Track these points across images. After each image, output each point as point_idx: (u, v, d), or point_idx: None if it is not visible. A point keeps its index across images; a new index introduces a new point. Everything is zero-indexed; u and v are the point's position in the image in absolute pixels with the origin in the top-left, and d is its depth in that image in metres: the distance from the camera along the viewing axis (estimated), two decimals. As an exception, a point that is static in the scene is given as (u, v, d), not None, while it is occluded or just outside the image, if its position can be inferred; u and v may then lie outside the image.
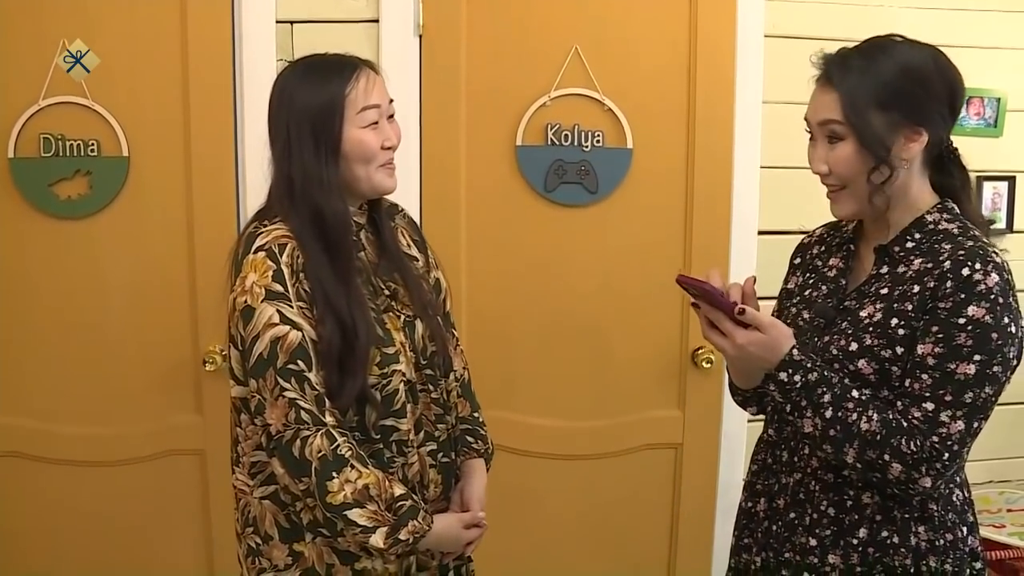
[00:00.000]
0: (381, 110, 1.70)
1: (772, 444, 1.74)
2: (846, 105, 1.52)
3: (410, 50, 2.51)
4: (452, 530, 1.73)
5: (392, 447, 1.70)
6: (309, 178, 1.64)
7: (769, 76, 2.68)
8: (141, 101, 2.45)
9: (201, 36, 2.44)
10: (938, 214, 1.58)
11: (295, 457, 1.57)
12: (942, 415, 1.45)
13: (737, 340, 1.52)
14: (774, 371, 1.53)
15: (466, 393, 1.97)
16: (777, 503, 1.69)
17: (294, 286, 1.60)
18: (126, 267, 2.52)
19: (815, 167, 1.60)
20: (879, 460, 1.47)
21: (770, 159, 2.72)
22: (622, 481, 2.79)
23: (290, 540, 1.70)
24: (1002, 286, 1.46)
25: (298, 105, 1.66)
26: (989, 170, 2.89)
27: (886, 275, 1.58)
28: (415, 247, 1.91)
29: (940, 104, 1.55)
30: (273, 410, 1.58)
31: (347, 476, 1.56)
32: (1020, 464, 3.12)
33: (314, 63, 1.74)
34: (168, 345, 2.55)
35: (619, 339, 2.72)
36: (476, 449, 1.93)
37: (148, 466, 2.59)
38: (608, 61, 2.59)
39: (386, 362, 1.67)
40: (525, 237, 2.64)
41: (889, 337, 1.52)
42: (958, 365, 1.45)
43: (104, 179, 2.46)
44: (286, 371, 1.56)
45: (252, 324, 1.58)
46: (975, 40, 2.77)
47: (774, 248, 2.71)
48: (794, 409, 1.54)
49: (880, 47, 1.57)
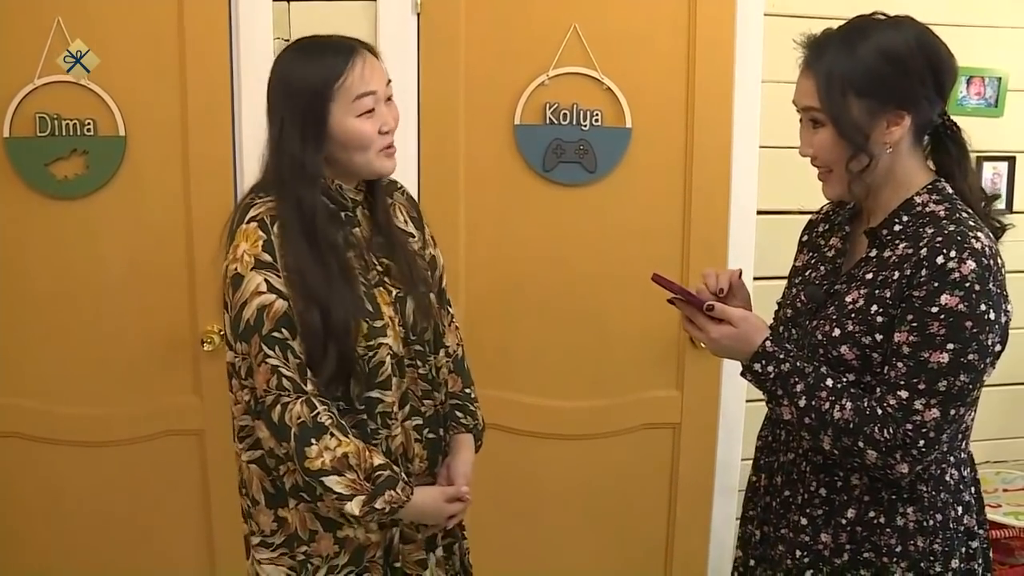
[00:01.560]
0: (378, 95, 1.69)
1: (773, 422, 1.77)
2: (822, 92, 1.52)
3: (408, 29, 2.50)
4: (434, 503, 1.76)
5: (376, 419, 1.73)
6: (293, 164, 1.65)
7: (769, 55, 2.66)
8: (138, 80, 2.44)
9: (198, 14, 2.42)
10: (927, 195, 1.56)
11: (275, 423, 1.62)
12: (916, 403, 1.47)
13: (711, 334, 1.59)
14: (748, 362, 1.58)
15: (459, 369, 1.99)
16: (776, 480, 1.73)
17: (282, 257, 1.64)
18: (123, 247, 2.51)
19: (802, 150, 1.62)
20: (854, 447, 1.49)
21: (769, 138, 2.70)
22: (620, 461, 2.80)
23: (275, 506, 1.74)
24: (979, 273, 1.45)
25: (291, 90, 1.67)
26: (989, 150, 2.88)
27: (874, 259, 1.59)
28: (412, 224, 1.92)
29: (923, 85, 1.53)
30: (257, 375, 1.63)
31: (326, 443, 1.61)
32: (1017, 445, 3.13)
33: (310, 46, 1.73)
34: (166, 325, 2.55)
35: (617, 319, 2.72)
36: (464, 424, 1.95)
37: (147, 447, 2.59)
38: (607, 40, 2.57)
39: (373, 335, 1.70)
40: (523, 216, 2.64)
41: (869, 324, 1.53)
42: (931, 354, 1.46)
43: (101, 159, 2.45)
44: (271, 338, 1.61)
45: (240, 291, 1.62)
46: (976, 19, 2.75)
47: (773, 228, 2.72)
48: (771, 398, 1.58)
49: (860, 29, 1.55)
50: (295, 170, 1.65)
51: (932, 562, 1.57)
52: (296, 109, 1.65)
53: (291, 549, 1.75)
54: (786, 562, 1.66)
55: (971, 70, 2.79)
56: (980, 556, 1.64)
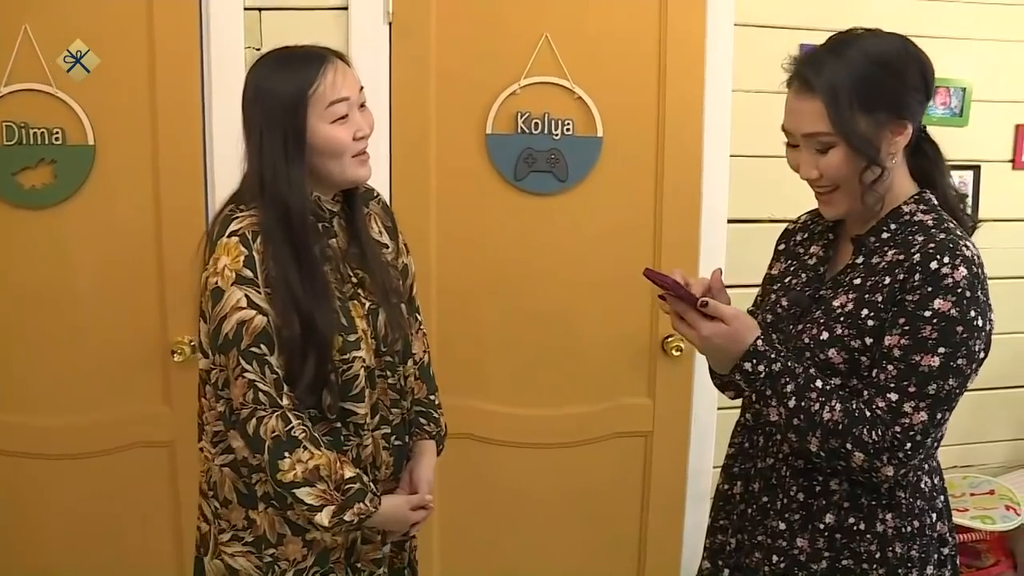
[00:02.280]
0: (351, 102, 1.71)
1: (749, 429, 1.76)
2: (832, 114, 1.50)
3: (380, 38, 2.49)
4: (399, 511, 1.81)
5: (349, 428, 1.77)
6: (277, 173, 1.66)
7: (739, 65, 2.69)
8: (108, 88, 2.42)
9: (168, 23, 2.41)
10: (914, 205, 1.58)
11: (250, 435, 1.65)
12: (905, 406, 1.47)
13: (702, 332, 1.55)
14: (739, 361, 1.55)
15: (424, 375, 2.02)
16: (752, 486, 1.72)
17: (263, 273, 1.65)
18: (93, 257, 2.49)
19: (805, 173, 1.58)
20: (842, 449, 1.49)
21: (740, 148, 2.73)
22: (592, 469, 2.80)
23: (247, 506, 1.77)
24: (970, 280, 1.47)
25: (267, 101, 1.68)
26: (954, 159, 2.85)
27: (861, 265, 1.60)
28: (386, 233, 1.94)
29: (917, 91, 1.55)
30: (234, 388, 1.65)
31: (299, 456, 1.63)
32: (983, 449, 3.17)
33: (283, 56, 1.75)
34: (136, 336, 2.52)
35: (589, 327, 2.73)
36: (428, 431, 1.98)
37: (116, 458, 2.57)
38: (578, 49, 2.58)
39: (347, 348, 1.72)
40: (495, 226, 2.64)
41: (859, 327, 1.53)
42: (923, 357, 1.47)
43: (69, 168, 2.42)
44: (248, 353, 1.63)
45: (221, 305, 1.63)
46: (941, 30, 2.79)
47: (744, 236, 2.74)
48: (759, 398, 1.56)
49: (848, 43, 1.55)
50: (280, 179, 1.66)
51: (909, 568, 1.58)
52: (275, 119, 1.66)
53: (259, 550, 1.77)
54: (763, 568, 1.66)
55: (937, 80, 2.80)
56: (949, 563, 1.66)
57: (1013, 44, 2.92)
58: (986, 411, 3.11)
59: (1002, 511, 2.91)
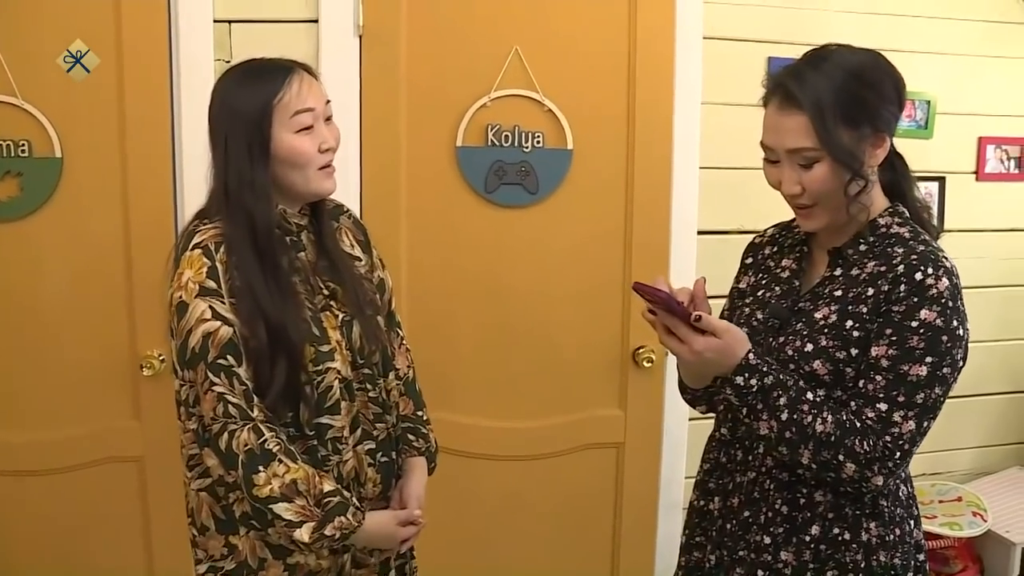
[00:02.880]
0: (316, 113, 1.70)
1: (726, 443, 1.75)
2: (818, 128, 1.51)
3: (350, 50, 2.49)
4: (386, 527, 1.75)
5: (327, 444, 1.72)
6: (242, 184, 1.66)
7: (708, 77, 2.71)
8: (74, 100, 2.40)
9: (137, 35, 2.39)
10: (889, 217, 1.61)
11: (222, 450, 1.61)
12: (895, 415, 1.48)
13: (695, 346, 1.53)
14: (731, 375, 1.55)
15: (410, 391, 1.99)
16: (731, 501, 1.71)
17: (227, 283, 1.63)
18: (61, 271, 2.46)
19: (788, 189, 1.59)
20: (834, 460, 1.50)
21: (709, 160, 2.75)
22: (564, 481, 2.81)
23: (226, 532, 1.73)
24: (952, 290, 1.50)
25: (233, 111, 1.68)
26: (920, 171, 2.91)
27: (840, 277, 1.61)
28: (359, 247, 1.92)
29: (892, 104, 1.57)
30: (203, 403, 1.62)
31: (274, 470, 1.59)
32: (950, 457, 3.22)
33: (249, 68, 1.74)
34: (105, 351, 2.50)
35: (560, 339, 2.74)
36: (417, 447, 1.95)
37: (85, 474, 2.54)
38: (548, 62, 2.59)
39: (320, 360, 1.70)
40: (466, 238, 2.64)
41: (844, 339, 1.54)
42: (911, 367, 1.48)
43: (36, 181, 2.40)
44: (216, 365, 1.60)
45: (186, 319, 1.61)
46: (906, 44, 2.84)
47: (714, 248, 2.76)
48: (750, 412, 1.56)
49: (825, 58, 1.57)
50: (245, 188, 1.65)
51: None
52: (240, 130, 1.66)
53: None
54: None
55: (902, 93, 2.87)
56: (923, 569, 1.68)
57: (976, 58, 2.97)
58: (953, 419, 3.13)
59: (969, 517, 2.95)
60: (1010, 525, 2.98)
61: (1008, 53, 3.01)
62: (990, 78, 3.00)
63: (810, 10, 2.78)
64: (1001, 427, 3.27)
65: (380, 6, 2.49)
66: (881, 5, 2.85)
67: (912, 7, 2.88)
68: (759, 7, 2.75)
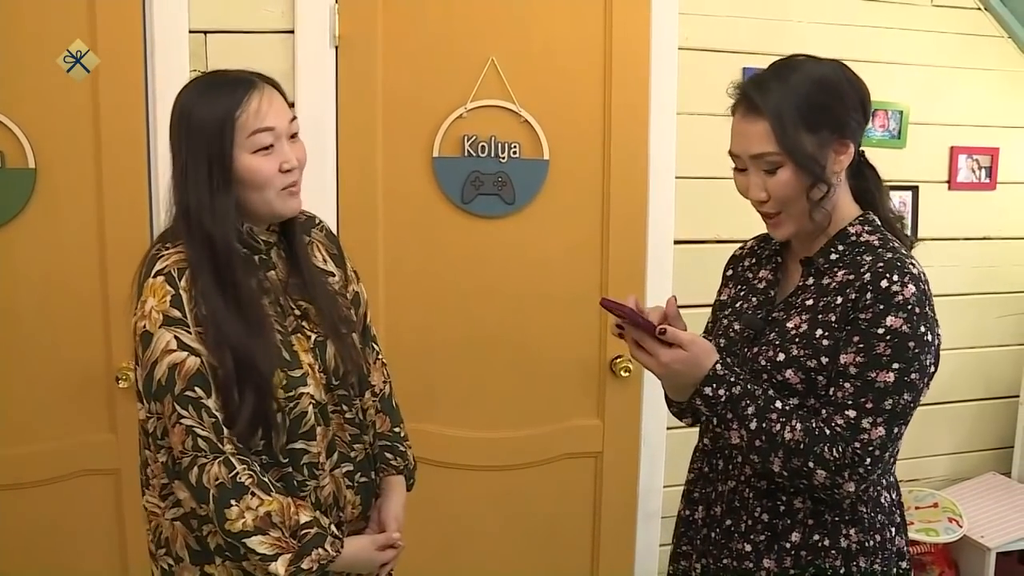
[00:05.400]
0: (277, 132, 1.62)
1: (708, 453, 1.77)
2: (778, 133, 1.54)
3: (326, 61, 2.49)
4: (365, 552, 1.71)
5: (303, 470, 1.67)
6: (201, 205, 1.58)
7: (683, 88, 2.73)
8: (49, 111, 2.38)
9: (112, 46, 2.38)
10: (860, 226, 1.63)
11: (193, 484, 1.55)
12: (863, 422, 1.50)
13: (661, 359, 1.56)
14: (699, 386, 1.57)
15: (386, 408, 1.94)
16: (714, 510, 1.72)
17: (192, 311, 1.57)
18: (35, 282, 2.44)
19: (753, 195, 1.61)
20: (804, 467, 1.51)
21: (685, 169, 2.77)
22: (543, 491, 2.81)
23: (201, 562, 1.67)
24: (919, 296, 1.51)
25: (192, 127, 1.60)
26: (894, 180, 2.97)
27: (812, 286, 1.63)
28: (332, 261, 1.86)
29: (856, 112, 1.60)
30: (172, 436, 1.56)
31: (247, 503, 1.54)
32: (926, 463, 3.24)
33: (210, 81, 1.67)
34: (80, 362, 2.48)
35: (537, 349, 2.74)
36: (395, 466, 1.90)
37: (61, 487, 2.51)
38: (524, 73, 2.61)
39: (292, 385, 1.64)
40: (443, 248, 2.65)
41: (814, 347, 1.56)
42: (878, 374, 1.50)
43: (9, 191, 2.38)
44: (183, 398, 1.54)
45: (151, 349, 1.55)
46: (879, 55, 2.88)
47: (690, 257, 2.77)
48: (720, 422, 1.57)
49: (790, 67, 1.60)
50: (204, 211, 1.58)
51: None
52: (199, 148, 1.58)
53: None
54: None
55: (876, 103, 2.84)
56: None
57: (947, 69, 3.01)
58: (929, 426, 3.17)
59: (945, 523, 2.98)
60: (985, 530, 3.00)
61: (979, 65, 3.05)
62: (962, 89, 3.05)
63: (784, 21, 2.81)
64: (976, 433, 3.31)
65: (356, 17, 2.50)
66: (854, 17, 2.88)
67: (885, 19, 2.92)
68: (734, 18, 2.78)
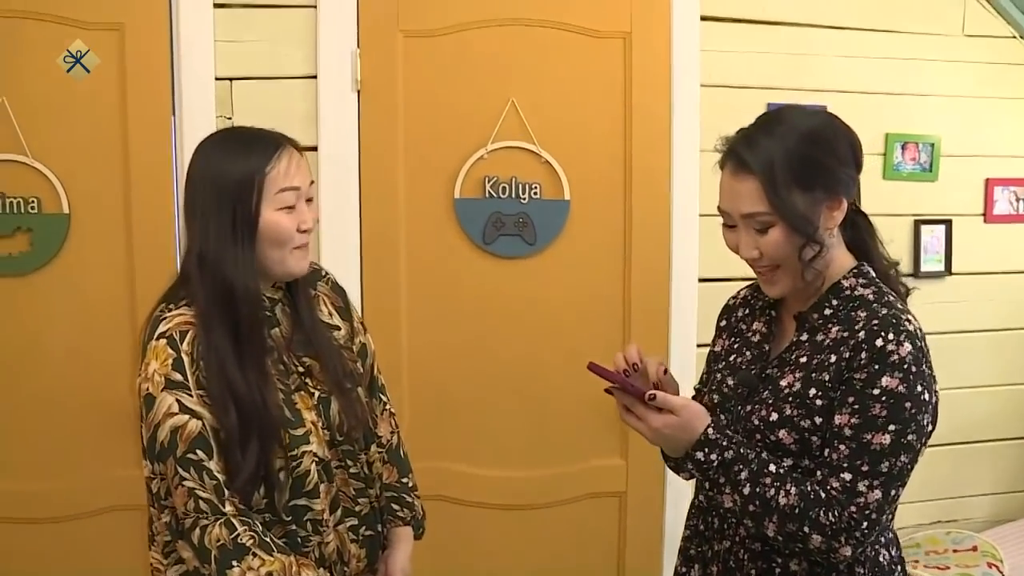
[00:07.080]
0: (300, 192, 1.66)
1: (704, 510, 1.74)
2: (769, 192, 1.50)
3: (348, 105, 2.54)
4: None
5: (307, 526, 1.67)
6: (223, 254, 1.60)
7: (706, 124, 2.71)
8: (82, 157, 2.46)
9: (140, 93, 2.46)
10: (854, 279, 1.59)
11: (195, 545, 1.57)
12: (859, 485, 1.46)
13: (652, 424, 1.53)
14: (691, 451, 1.53)
15: (393, 458, 1.94)
16: (711, 570, 1.70)
17: (194, 374, 1.58)
18: (67, 323, 2.51)
19: (745, 253, 1.58)
20: (799, 532, 1.48)
21: (709, 207, 2.72)
22: (566, 531, 2.79)
23: None
24: (915, 355, 1.47)
25: (217, 178, 1.62)
26: (926, 214, 2.94)
27: (806, 342, 1.59)
28: (338, 314, 1.87)
29: (848, 166, 1.56)
30: (175, 497, 1.58)
31: (248, 564, 1.54)
32: (967, 504, 3.15)
33: (237, 135, 1.71)
34: (109, 400, 2.53)
35: (560, 388, 2.73)
36: (402, 517, 1.90)
37: (91, 522, 2.57)
38: (544, 113, 2.62)
39: (295, 444, 1.64)
40: (465, 289, 2.66)
41: (808, 407, 1.52)
42: (874, 436, 1.46)
43: (45, 236, 2.47)
44: (185, 460, 1.55)
45: (153, 412, 1.57)
46: (907, 88, 2.84)
47: (715, 295, 2.72)
48: (712, 486, 1.54)
49: (778, 121, 1.57)
50: (225, 261, 1.59)
51: None
52: (225, 200, 1.60)
53: None
54: None
55: (907, 136, 2.86)
56: None
57: (980, 100, 2.96)
58: (969, 465, 3.09)
59: (984, 568, 2.87)
60: (1027, 576, 2.91)
61: (1013, 94, 2.99)
62: (995, 120, 2.99)
63: (809, 55, 2.78)
64: (1019, 473, 3.21)
65: (377, 61, 2.54)
66: (881, 49, 2.84)
67: (913, 51, 2.88)
68: (757, 54, 2.76)
